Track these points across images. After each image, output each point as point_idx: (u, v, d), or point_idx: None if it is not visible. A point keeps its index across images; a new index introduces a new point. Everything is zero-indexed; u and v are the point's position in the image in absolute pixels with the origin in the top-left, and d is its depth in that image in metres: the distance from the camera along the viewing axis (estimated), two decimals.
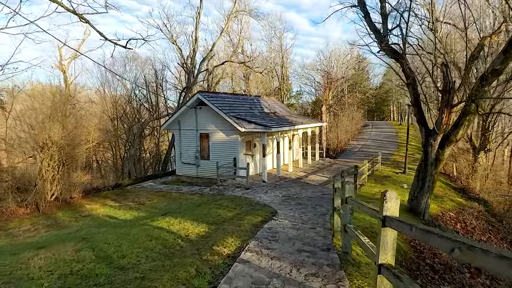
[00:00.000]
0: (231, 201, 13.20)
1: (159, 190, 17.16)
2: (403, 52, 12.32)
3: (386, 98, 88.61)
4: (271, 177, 18.92)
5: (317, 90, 54.77)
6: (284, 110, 25.81)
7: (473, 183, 19.48)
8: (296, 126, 20.14)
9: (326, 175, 19.65)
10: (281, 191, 15.44)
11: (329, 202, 13.33)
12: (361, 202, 5.17)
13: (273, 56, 42.48)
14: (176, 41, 29.60)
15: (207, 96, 18.74)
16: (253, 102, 22.74)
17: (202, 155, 19.46)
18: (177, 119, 19.93)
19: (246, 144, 19.10)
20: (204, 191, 16.01)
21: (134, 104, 26.18)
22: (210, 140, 19.08)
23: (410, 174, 20.70)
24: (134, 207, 13.61)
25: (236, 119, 17.74)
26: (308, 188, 16.24)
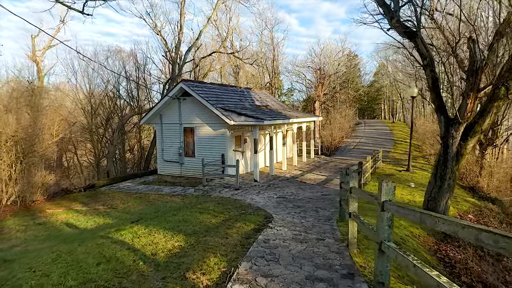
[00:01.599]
0: (217, 204, 11.25)
1: (136, 192, 15.09)
2: (417, 28, 10.55)
3: (377, 97, 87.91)
4: (263, 176, 17.02)
5: (308, 88, 53.24)
6: (277, 104, 23.93)
7: (482, 181, 17.92)
8: (291, 119, 18.27)
9: (324, 174, 17.84)
10: (276, 192, 13.55)
11: (332, 204, 11.50)
12: (414, 209, 3.31)
13: (264, 50, 40.63)
14: (160, 31, 27.48)
15: (192, 85, 16.72)
16: (243, 94, 20.80)
17: (186, 152, 17.43)
18: (158, 112, 17.85)
19: (235, 139, 17.15)
20: (187, 192, 14.01)
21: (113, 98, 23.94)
22: (195, 135, 17.06)
23: (414, 172, 19.05)
24: (103, 212, 11.54)
25: (224, 111, 15.78)
26: (306, 188, 14.39)
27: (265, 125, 16.23)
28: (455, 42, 9.63)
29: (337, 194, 13.10)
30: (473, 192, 17.14)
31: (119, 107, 24.65)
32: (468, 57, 9.29)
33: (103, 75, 22.81)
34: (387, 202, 3.89)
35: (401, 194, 13.65)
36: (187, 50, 23.79)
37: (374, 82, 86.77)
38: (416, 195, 13.78)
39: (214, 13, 23.68)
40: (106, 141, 24.35)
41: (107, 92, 22.41)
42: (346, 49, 61.00)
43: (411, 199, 13.08)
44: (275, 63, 38.86)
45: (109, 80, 22.90)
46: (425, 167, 22.00)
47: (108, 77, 23.29)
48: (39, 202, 13.41)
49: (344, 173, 9.29)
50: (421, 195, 13.90)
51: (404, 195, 13.64)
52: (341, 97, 53.21)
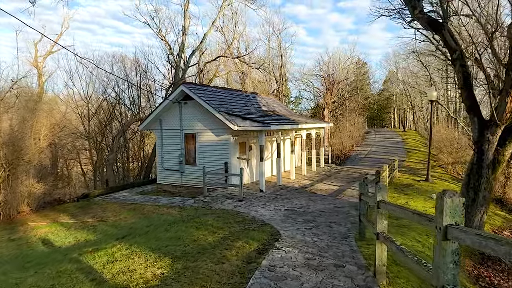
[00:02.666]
0: (217, 218, 9.96)
1: (132, 202, 13.89)
2: (444, 18, 9.29)
3: (386, 105, 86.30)
4: (270, 185, 15.71)
5: (316, 96, 52.04)
6: (285, 110, 22.72)
7: (510, 192, 16.34)
8: (299, 125, 16.99)
9: (336, 184, 16.45)
10: (283, 204, 12.22)
11: (347, 218, 10.14)
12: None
13: (271, 56, 39.59)
14: (165, 36, 26.63)
15: (193, 88, 15.60)
16: (249, 99, 19.63)
17: (187, 159, 16.24)
18: (158, 117, 16.74)
19: (240, 146, 15.92)
20: (186, 204, 12.75)
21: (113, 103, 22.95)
22: (196, 142, 15.88)
23: (434, 182, 17.54)
24: (90, 225, 10.33)
25: (227, 116, 14.59)
26: (316, 199, 13.03)
27: (272, 130, 14.98)
28: (492, 31, 8.32)
29: (352, 207, 11.73)
30: (500, 204, 15.59)
31: (120, 113, 23.70)
32: (510, 48, 7.96)
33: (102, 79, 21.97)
34: (453, 228, 2.58)
35: (424, 207, 12.22)
36: (191, 54, 22.82)
37: (383, 91, 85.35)
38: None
39: (218, 16, 22.75)
40: (106, 148, 23.34)
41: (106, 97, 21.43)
42: (354, 57, 59.85)
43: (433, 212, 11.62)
44: (283, 70, 37.78)
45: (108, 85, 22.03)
46: (444, 176, 20.48)
47: (108, 82, 22.43)
48: (24, 214, 12.28)
49: (363, 183, 7.97)
50: None
51: (427, 207, 12.20)
52: (351, 104, 51.88)
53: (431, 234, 8.66)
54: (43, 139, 12.82)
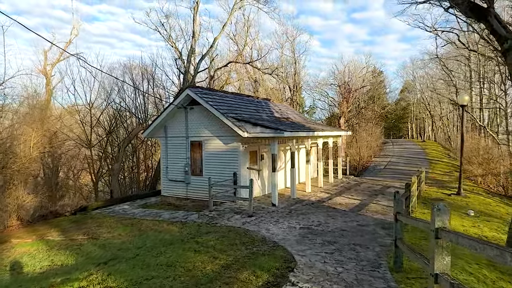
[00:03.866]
0: (222, 238, 8.56)
1: (131, 217, 12.62)
2: (490, 3, 7.81)
3: (403, 115, 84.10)
4: (283, 199, 14.23)
5: (331, 106, 50.50)
6: (299, 117, 21.32)
7: None
8: (316, 132, 15.53)
9: (357, 197, 14.83)
10: (298, 220, 10.72)
11: (374, 239, 8.58)
12: None
13: (284, 64, 38.42)
14: (175, 43, 25.82)
15: (200, 92, 14.41)
16: (261, 105, 18.33)
17: (193, 169, 14.95)
18: (163, 124, 15.58)
19: (250, 155, 14.55)
20: (189, 219, 11.39)
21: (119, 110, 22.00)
22: (203, 150, 14.60)
23: (466, 196, 15.71)
24: (77, 244, 9.07)
25: (236, 121, 13.29)
26: (336, 215, 11.47)
27: (285, 138, 13.58)
28: None
29: (377, 225, 10.14)
30: None
31: (126, 121, 22.77)
32: None
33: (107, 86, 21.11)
34: None
35: (463, 226, 10.52)
36: (200, 59, 21.79)
37: (400, 100, 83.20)
38: (483, 227, 10.60)
39: (229, 20, 21.76)
40: (111, 157, 22.34)
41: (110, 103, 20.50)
42: (370, 66, 58.33)
43: (479, 233, 9.92)
44: (297, 78, 36.51)
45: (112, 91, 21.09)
46: (476, 189, 18.57)
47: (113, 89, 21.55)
48: (13, 228, 11.15)
49: (398, 199, 6.45)
50: (489, 227, 10.72)
51: (467, 227, 10.49)
52: (367, 114, 50.12)
53: (482, 263, 7.03)
54: (34, 147, 11.82)
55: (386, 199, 14.47)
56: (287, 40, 35.97)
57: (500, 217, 12.54)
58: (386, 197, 14.82)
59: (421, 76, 63.43)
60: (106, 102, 19.74)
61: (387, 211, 12.18)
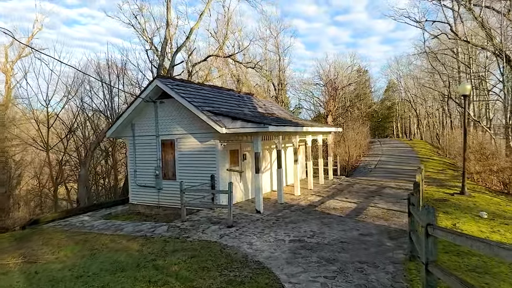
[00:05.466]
0: (191, 258, 6.66)
1: (88, 231, 10.55)
2: None
3: (388, 115, 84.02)
4: (269, 204, 12.41)
5: (316, 106, 49.27)
6: (285, 113, 19.59)
7: None
8: (304, 128, 13.78)
9: (352, 200, 13.13)
10: (288, 231, 8.90)
11: (382, 254, 6.86)
12: None
13: (268, 62, 36.71)
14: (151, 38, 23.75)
15: (171, 83, 12.47)
16: (243, 99, 16.50)
17: (165, 173, 12.98)
18: (130, 121, 13.56)
19: (230, 155, 12.68)
20: (156, 233, 9.42)
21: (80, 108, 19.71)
22: (176, 151, 12.66)
23: (471, 195, 14.21)
24: (2, 272, 7.00)
25: (213, 116, 11.42)
26: (332, 223, 9.71)
27: (270, 133, 11.79)
28: None
29: (382, 233, 8.43)
30: None
31: (94, 121, 20.57)
32: None
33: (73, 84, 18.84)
34: None
35: (481, 232, 8.90)
36: (176, 51, 19.82)
37: (384, 100, 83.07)
38: (504, 232, 9.01)
39: (206, 8, 19.88)
40: (78, 162, 20.09)
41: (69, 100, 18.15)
42: (355, 65, 57.65)
43: (501, 239, 8.30)
44: (281, 75, 34.83)
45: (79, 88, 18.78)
46: (477, 188, 17.16)
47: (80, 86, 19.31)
48: None
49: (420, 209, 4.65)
50: (511, 231, 9.13)
51: (486, 232, 8.88)
52: (354, 112, 49.05)
53: None
54: None
55: (385, 201, 12.84)
56: (270, 35, 34.30)
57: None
58: (384, 199, 13.20)
59: (406, 74, 63.07)
60: (66, 99, 17.53)
61: (389, 215, 10.51)
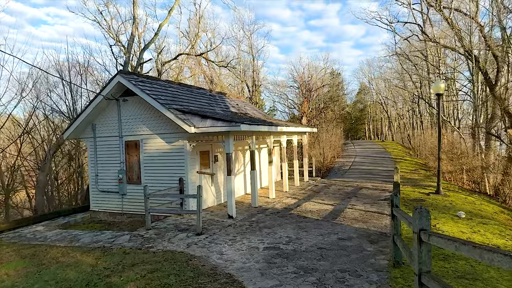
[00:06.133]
0: (151, 273, 5.83)
1: (39, 243, 9.41)
2: None
3: (360, 117, 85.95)
4: (243, 208, 11.70)
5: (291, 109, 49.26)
6: (259, 113, 18.97)
7: None
8: (279, 127, 13.18)
9: (329, 202, 12.64)
10: (262, 237, 8.21)
11: (364, 261, 6.31)
12: None
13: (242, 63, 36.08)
14: (118, 36, 22.50)
15: (135, 79, 11.52)
16: (215, 98, 15.71)
17: (129, 176, 11.97)
18: (90, 121, 12.46)
19: (201, 156, 11.86)
20: (116, 243, 8.46)
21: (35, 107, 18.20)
22: (141, 152, 11.69)
23: (446, 195, 14.10)
24: None
25: (181, 114, 10.58)
26: (309, 227, 9.12)
27: (242, 133, 11.09)
28: None
29: (362, 237, 7.90)
30: None
31: (53, 122, 19.13)
32: None
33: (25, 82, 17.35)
34: None
35: (462, 232, 8.57)
36: (143, 48, 18.76)
37: (357, 102, 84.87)
38: (484, 232, 8.73)
39: (176, 4, 18.96)
40: (36, 167, 18.55)
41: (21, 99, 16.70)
42: (329, 67, 58.40)
43: (486, 241, 7.98)
44: (255, 76, 34.27)
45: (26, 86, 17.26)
46: (451, 187, 17.20)
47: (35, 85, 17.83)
48: None
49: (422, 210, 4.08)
50: (491, 232, 8.87)
51: (466, 232, 8.56)
52: (328, 114, 49.35)
53: None
54: None
55: (362, 202, 12.44)
56: (244, 36, 33.68)
57: (492, 218, 10.90)
58: (361, 200, 12.81)
59: (378, 77, 64.48)
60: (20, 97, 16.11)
61: (367, 217, 10.07)
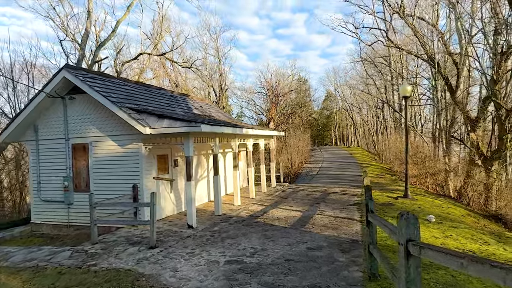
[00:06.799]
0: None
1: None
2: None
3: (327, 123, 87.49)
4: (205, 217, 10.77)
5: (259, 115, 48.94)
6: (224, 116, 18.15)
7: (506, 206, 13.27)
8: (244, 130, 12.40)
9: (297, 208, 12.00)
10: (224, 249, 7.35)
11: (336, 273, 5.65)
12: None
13: (208, 67, 35.12)
14: (74, 34, 20.86)
15: (83, 74, 10.33)
16: (176, 99, 14.71)
17: (76, 184, 10.68)
18: (31, 122, 11.06)
19: (158, 161, 10.82)
20: (52, 261, 7.25)
21: None
22: (90, 157, 10.47)
23: (414, 198, 13.92)
24: None
25: (135, 113, 9.54)
26: (276, 236, 8.37)
27: (204, 134, 10.21)
28: None
29: (333, 245, 7.25)
30: (502, 223, 12.37)
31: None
32: None
33: None
34: None
35: (433, 237, 8.18)
36: (99, 45, 17.39)
37: (323, 109, 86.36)
38: (456, 236, 8.39)
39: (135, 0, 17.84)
40: None
41: None
42: (296, 74, 58.97)
43: (461, 246, 7.60)
44: (222, 79, 33.44)
45: None
46: (418, 191, 17.18)
47: None
48: None
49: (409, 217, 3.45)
50: (464, 236, 8.56)
51: (439, 237, 8.17)
52: (296, 120, 49.44)
53: None
54: None
55: (331, 207, 11.92)
56: (210, 38, 32.81)
57: (461, 222, 10.70)
58: (330, 206, 12.29)
59: (343, 84, 65.84)
60: None
61: (337, 223, 9.50)
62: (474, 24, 16.78)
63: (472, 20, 16.88)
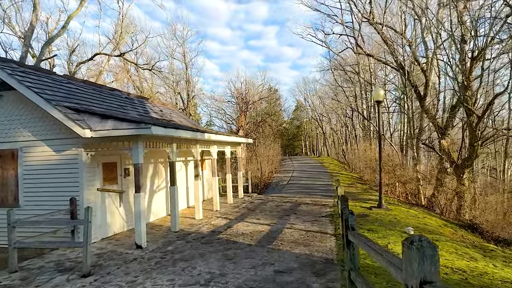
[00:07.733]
0: None
1: None
2: None
3: (297, 133, 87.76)
4: (159, 234, 9.36)
5: (228, 124, 47.88)
6: (188, 122, 16.79)
7: (481, 215, 12.81)
8: (206, 134, 11.15)
9: (265, 221, 10.84)
10: (174, 276, 6.03)
11: None
12: None
13: (175, 73, 33.63)
14: (22, 31, 18.85)
15: (13, 68, 8.74)
16: (132, 102, 13.24)
17: (2, 197, 8.96)
18: None
19: (104, 170, 9.31)
20: None
21: None
22: (20, 164, 8.82)
23: (388, 208, 13.18)
24: None
25: (73, 113, 8.07)
26: (239, 256, 7.14)
27: (157, 139, 8.89)
28: None
29: (304, 267, 6.12)
30: (478, 232, 11.82)
31: None
32: None
33: None
34: None
35: None
36: (46, 42, 15.61)
37: (293, 119, 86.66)
38: (440, 250, 7.55)
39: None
40: None
41: None
42: (266, 83, 58.65)
43: (445, 263, 6.71)
44: (189, 86, 32.03)
45: None
46: (390, 200, 16.57)
47: None
48: None
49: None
50: (447, 251, 7.73)
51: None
52: (266, 129, 48.69)
53: None
54: None
55: (301, 220, 10.89)
56: (177, 43, 31.44)
57: (441, 233, 9.98)
58: (300, 218, 11.26)
59: (313, 94, 66.27)
60: None
61: (309, 239, 8.44)
62: (443, 28, 16.64)
63: (441, 26, 16.75)
